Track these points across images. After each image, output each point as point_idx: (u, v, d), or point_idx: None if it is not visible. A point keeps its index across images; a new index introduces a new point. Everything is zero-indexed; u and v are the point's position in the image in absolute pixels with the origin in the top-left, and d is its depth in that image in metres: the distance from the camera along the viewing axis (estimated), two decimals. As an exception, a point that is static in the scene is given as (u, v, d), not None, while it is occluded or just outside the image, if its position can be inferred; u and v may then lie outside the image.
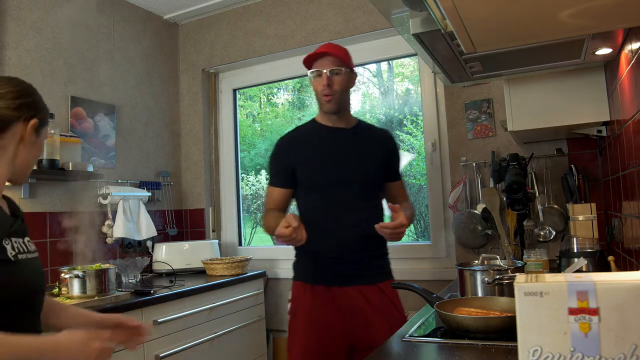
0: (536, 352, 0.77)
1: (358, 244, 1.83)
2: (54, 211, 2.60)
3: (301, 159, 1.88)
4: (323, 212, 1.85)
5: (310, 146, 1.90)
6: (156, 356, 2.20)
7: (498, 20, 1.02)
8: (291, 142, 1.95)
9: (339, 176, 1.85)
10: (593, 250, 1.92)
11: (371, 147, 1.93)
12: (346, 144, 1.89)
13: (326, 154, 1.88)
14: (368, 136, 1.95)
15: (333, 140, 1.90)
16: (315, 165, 1.87)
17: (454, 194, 2.61)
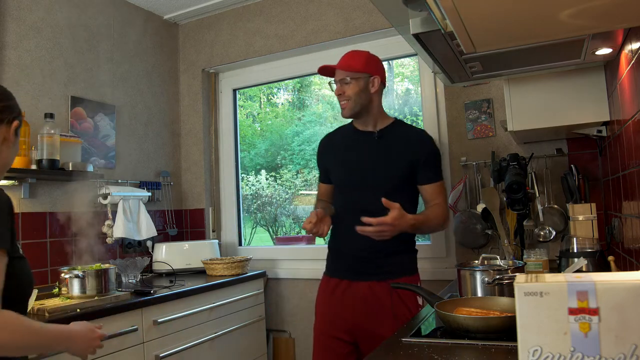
0: (536, 352, 0.77)
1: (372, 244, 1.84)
2: (54, 211, 2.60)
3: (330, 160, 2.09)
4: (344, 211, 1.99)
5: (337, 148, 2.08)
6: (156, 356, 2.20)
7: (498, 20, 1.02)
8: (325, 142, 2.15)
9: (357, 179, 1.97)
10: (593, 250, 1.92)
11: (396, 151, 1.95)
12: (369, 148, 1.98)
13: (348, 156, 2.02)
14: (396, 139, 1.98)
15: (357, 144, 2.01)
16: (339, 167, 2.04)
17: (454, 194, 2.61)
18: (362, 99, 1.94)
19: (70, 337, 1.28)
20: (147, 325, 2.18)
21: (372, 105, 1.97)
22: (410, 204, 1.98)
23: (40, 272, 2.49)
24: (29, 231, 2.47)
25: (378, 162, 1.95)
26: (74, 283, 2.07)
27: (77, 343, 1.29)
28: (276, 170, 3.70)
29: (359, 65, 1.94)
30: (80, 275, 2.07)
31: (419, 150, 1.96)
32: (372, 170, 1.95)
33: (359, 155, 1.99)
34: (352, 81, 1.93)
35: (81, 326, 1.33)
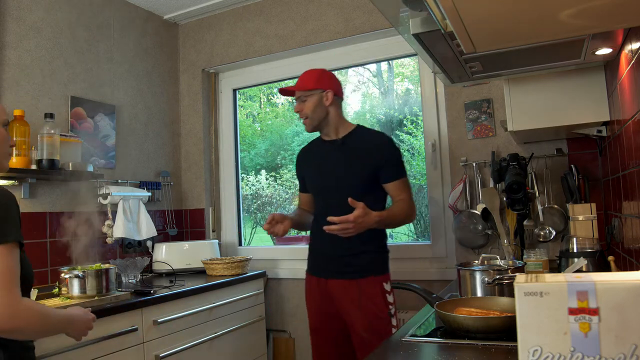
0: (536, 352, 0.77)
1: (340, 244, 2.01)
2: (54, 211, 2.60)
3: (305, 170, 2.30)
4: (319, 214, 2.16)
5: (311, 159, 2.28)
6: (156, 356, 2.20)
7: (498, 20, 1.02)
8: (301, 155, 2.36)
9: (323, 184, 2.18)
10: (593, 250, 1.92)
11: (358, 155, 2.11)
12: (333, 155, 2.16)
13: (318, 165, 2.21)
14: (357, 144, 2.14)
15: (324, 153, 2.20)
16: (312, 176, 2.25)
17: (454, 194, 2.61)
18: (318, 114, 2.13)
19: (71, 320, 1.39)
20: (147, 325, 2.18)
21: (330, 116, 2.15)
22: (378, 203, 2.11)
23: (40, 272, 2.49)
24: (29, 231, 2.46)
25: (342, 167, 2.12)
26: (74, 283, 2.07)
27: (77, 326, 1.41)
28: (276, 170, 3.70)
29: (311, 84, 2.13)
30: (80, 275, 2.07)
31: (379, 153, 2.10)
32: (337, 175, 2.12)
33: (327, 162, 2.17)
34: (307, 99, 2.12)
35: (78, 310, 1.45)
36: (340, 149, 2.15)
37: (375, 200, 2.10)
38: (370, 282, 2.05)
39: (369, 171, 2.09)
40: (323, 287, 2.13)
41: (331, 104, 2.13)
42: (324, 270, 2.14)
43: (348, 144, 2.15)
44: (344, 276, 2.07)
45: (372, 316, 2.01)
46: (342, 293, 2.07)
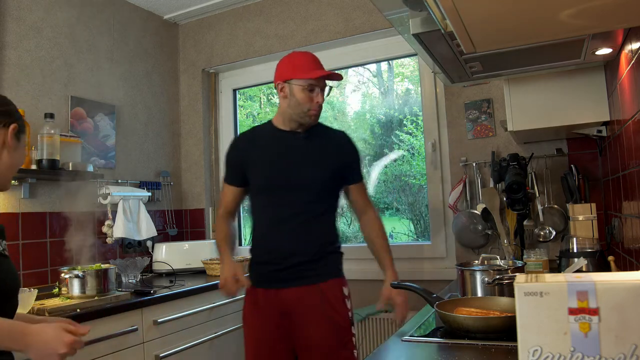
0: (536, 352, 0.77)
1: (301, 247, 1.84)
2: (54, 211, 2.60)
3: (251, 159, 1.91)
4: (269, 214, 1.89)
5: (261, 148, 1.92)
6: (156, 356, 2.20)
7: (498, 20, 1.02)
8: (242, 142, 1.97)
9: (284, 180, 1.87)
10: (593, 250, 1.92)
11: (324, 151, 1.92)
12: (298, 148, 1.90)
13: (273, 156, 1.90)
14: (323, 140, 1.94)
15: (285, 144, 1.90)
16: (265, 168, 1.89)
17: (454, 194, 2.61)
18: None
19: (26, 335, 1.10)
20: (147, 325, 2.18)
21: None
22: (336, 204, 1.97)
23: (40, 272, 2.49)
24: (29, 231, 2.46)
25: (306, 162, 1.88)
26: (74, 283, 2.07)
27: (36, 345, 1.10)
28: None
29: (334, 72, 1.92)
30: (80, 275, 2.07)
31: (348, 152, 1.97)
32: (300, 171, 1.87)
33: (287, 156, 1.89)
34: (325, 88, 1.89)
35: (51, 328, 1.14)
36: (304, 142, 1.90)
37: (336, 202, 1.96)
38: (331, 285, 1.86)
39: (336, 170, 1.90)
40: (272, 299, 1.84)
41: None
42: (276, 280, 1.84)
43: (313, 139, 1.91)
44: (303, 282, 1.83)
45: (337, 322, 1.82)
46: (298, 302, 1.82)
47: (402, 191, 3.17)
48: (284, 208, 1.86)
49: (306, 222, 1.86)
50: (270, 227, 1.88)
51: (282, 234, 1.86)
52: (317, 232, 1.88)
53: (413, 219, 3.14)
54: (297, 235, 1.85)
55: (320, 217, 1.89)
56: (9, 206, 2.39)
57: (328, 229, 1.93)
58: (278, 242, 1.86)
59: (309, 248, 1.85)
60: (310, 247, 1.85)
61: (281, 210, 1.87)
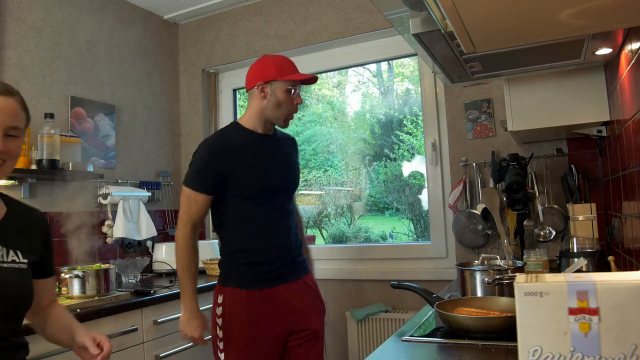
0: (536, 352, 0.77)
1: (290, 247, 1.92)
2: (54, 211, 2.60)
3: (236, 167, 1.83)
4: (258, 219, 1.87)
5: (244, 154, 1.85)
6: (156, 356, 2.20)
7: (498, 20, 1.02)
8: (224, 147, 1.86)
9: (279, 183, 1.91)
10: (593, 250, 1.92)
11: (291, 155, 2.03)
12: (276, 152, 1.94)
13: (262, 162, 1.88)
14: (286, 143, 2.02)
15: (266, 148, 1.91)
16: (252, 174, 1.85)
17: (454, 194, 2.61)
18: None
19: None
20: (147, 325, 2.18)
21: None
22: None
23: (40, 272, 2.49)
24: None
25: (283, 165, 1.94)
26: (74, 283, 2.07)
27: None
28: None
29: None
30: (80, 275, 2.07)
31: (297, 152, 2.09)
32: (285, 175, 1.94)
33: (272, 160, 1.90)
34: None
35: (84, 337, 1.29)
36: (277, 145, 1.95)
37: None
38: (310, 276, 2.02)
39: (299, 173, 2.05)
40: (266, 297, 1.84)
41: None
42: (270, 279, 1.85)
43: (279, 141, 1.97)
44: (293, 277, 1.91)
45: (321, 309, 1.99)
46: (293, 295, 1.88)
47: (402, 191, 3.17)
48: (276, 211, 1.89)
49: (290, 222, 1.95)
50: (262, 229, 1.86)
51: (275, 235, 1.89)
52: (296, 228, 1.99)
53: (413, 219, 3.14)
54: (286, 234, 1.92)
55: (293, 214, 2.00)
56: (9, 206, 2.39)
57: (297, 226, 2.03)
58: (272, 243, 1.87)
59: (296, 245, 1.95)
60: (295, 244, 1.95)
61: (273, 212, 1.88)
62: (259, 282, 1.85)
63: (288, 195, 1.96)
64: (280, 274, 1.88)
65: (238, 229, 1.88)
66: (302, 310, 1.90)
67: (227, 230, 1.89)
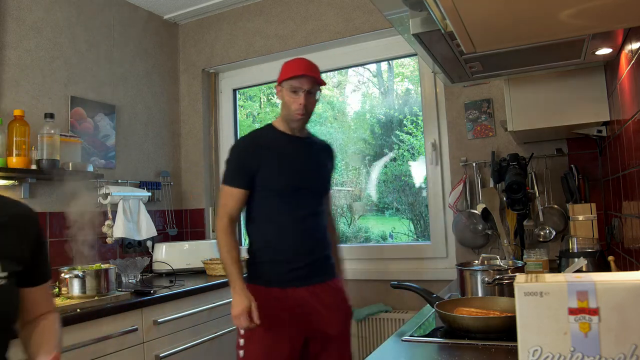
0: (536, 352, 0.77)
1: (315, 248, 1.93)
2: (54, 211, 2.60)
3: (264, 163, 1.89)
4: (283, 216, 1.90)
5: (273, 152, 1.91)
6: (156, 356, 2.20)
7: (498, 20, 1.02)
8: (254, 145, 1.93)
9: (305, 182, 1.94)
10: (593, 250, 1.92)
11: (323, 158, 2.07)
12: (305, 153, 1.99)
13: (289, 161, 1.93)
14: (319, 147, 2.08)
15: (294, 149, 1.96)
16: (279, 171, 1.90)
17: (454, 194, 2.61)
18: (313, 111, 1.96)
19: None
20: (147, 325, 2.18)
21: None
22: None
23: (40, 272, 2.49)
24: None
25: (316, 167, 2.01)
26: (74, 283, 2.07)
27: None
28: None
29: (320, 80, 1.92)
30: (80, 275, 2.07)
31: (332, 161, 2.12)
32: (313, 175, 1.98)
33: (300, 159, 1.95)
34: (315, 94, 1.91)
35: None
36: (309, 148, 2.01)
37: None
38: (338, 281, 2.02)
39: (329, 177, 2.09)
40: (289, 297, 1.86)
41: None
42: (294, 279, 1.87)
43: (312, 145, 2.03)
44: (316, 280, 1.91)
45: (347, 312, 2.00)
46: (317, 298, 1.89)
47: (402, 191, 3.17)
48: (302, 209, 1.92)
49: (316, 223, 1.97)
50: (288, 227, 1.90)
51: (298, 234, 1.91)
52: (325, 231, 2.00)
53: (413, 219, 3.14)
54: (311, 235, 1.94)
55: (323, 216, 2.02)
56: (9, 206, 2.39)
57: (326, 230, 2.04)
58: (294, 242, 1.90)
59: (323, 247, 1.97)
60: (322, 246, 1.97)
61: (298, 211, 1.91)
62: (280, 281, 1.88)
63: (314, 196, 1.97)
64: (303, 275, 1.88)
65: (263, 226, 1.93)
66: (324, 315, 1.90)
67: (253, 227, 1.95)
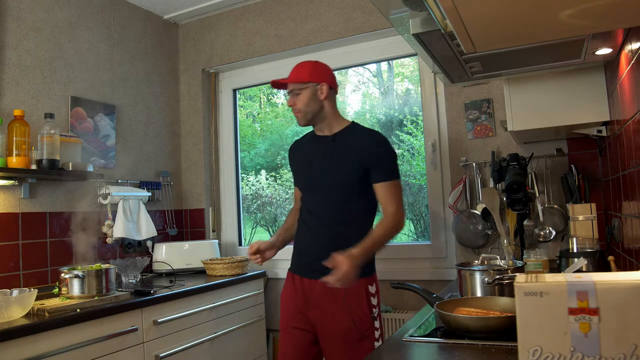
0: (536, 352, 0.77)
1: (330, 243, 1.92)
2: (54, 211, 2.60)
3: (295, 164, 2.19)
4: (306, 211, 2.07)
5: (301, 153, 2.15)
6: (156, 356, 2.20)
7: (498, 20, 1.02)
8: (293, 148, 2.23)
9: (314, 181, 2.05)
10: (593, 250, 1.92)
11: (349, 152, 1.99)
12: (325, 151, 2.04)
13: (308, 161, 2.09)
14: (349, 141, 2.01)
15: (316, 148, 2.08)
16: (300, 171, 2.14)
17: (454, 194, 2.61)
18: (312, 107, 2.00)
19: None
20: (147, 325, 2.19)
21: (324, 111, 2.02)
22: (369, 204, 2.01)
23: (40, 272, 2.49)
24: (29, 231, 2.47)
25: (331, 164, 2.00)
26: (74, 283, 2.07)
27: None
28: (276, 170, 3.70)
29: (305, 76, 2.00)
30: (80, 275, 2.07)
31: (370, 151, 1.97)
32: (325, 173, 2.01)
33: (316, 158, 2.05)
34: (301, 92, 1.99)
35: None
36: (332, 145, 2.03)
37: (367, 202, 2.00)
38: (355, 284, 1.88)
39: (358, 170, 1.95)
40: (300, 286, 2.00)
41: (326, 97, 1.99)
42: (305, 269, 2.01)
43: (340, 141, 2.02)
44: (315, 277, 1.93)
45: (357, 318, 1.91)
46: (324, 294, 1.93)
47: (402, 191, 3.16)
48: (313, 207, 2.03)
49: (331, 221, 1.97)
50: (302, 223, 2.06)
51: (308, 230, 2.01)
52: (341, 231, 1.95)
53: (413, 219, 3.14)
54: (319, 232, 1.98)
55: (346, 216, 1.97)
56: (9, 206, 2.40)
57: (354, 229, 1.95)
58: (305, 237, 2.05)
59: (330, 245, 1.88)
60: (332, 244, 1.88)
61: (310, 208, 2.04)
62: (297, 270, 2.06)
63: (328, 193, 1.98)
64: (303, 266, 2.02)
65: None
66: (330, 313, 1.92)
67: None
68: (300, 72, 2.02)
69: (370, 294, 1.97)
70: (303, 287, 2.00)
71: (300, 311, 2.00)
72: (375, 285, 2.01)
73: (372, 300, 1.97)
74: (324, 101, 2.00)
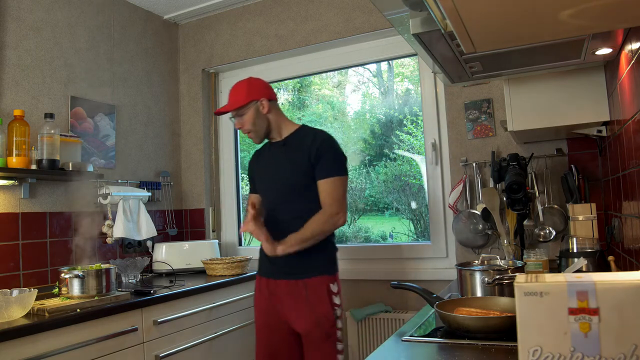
0: (536, 352, 0.77)
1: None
2: (54, 211, 2.60)
3: (254, 171, 2.29)
4: (266, 215, 2.12)
5: (259, 160, 2.28)
6: (156, 356, 2.20)
7: (498, 20, 1.02)
8: (253, 157, 2.33)
9: (266, 184, 2.19)
10: (593, 250, 1.92)
11: (298, 153, 2.08)
12: (278, 156, 2.16)
13: (264, 166, 2.22)
14: (295, 144, 2.12)
15: (269, 155, 2.21)
16: (259, 176, 2.25)
17: (454, 194, 2.61)
18: (259, 124, 2.12)
19: None
20: (147, 325, 2.18)
21: (271, 122, 2.14)
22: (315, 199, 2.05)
23: (40, 272, 2.49)
24: (29, 231, 2.46)
25: (281, 166, 2.13)
26: (74, 283, 2.07)
27: None
28: (276, 170, 3.69)
29: (242, 98, 2.10)
30: (80, 275, 2.07)
31: (314, 149, 2.04)
32: (280, 175, 2.12)
33: (271, 164, 2.17)
34: (244, 113, 2.11)
35: None
36: (283, 149, 2.14)
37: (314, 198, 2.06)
38: (316, 282, 2.02)
39: (306, 168, 2.05)
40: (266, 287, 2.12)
41: (269, 110, 2.11)
42: (271, 272, 2.11)
43: (290, 144, 2.14)
44: (290, 277, 2.04)
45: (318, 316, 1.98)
46: (287, 294, 2.04)
47: (402, 191, 3.17)
48: (270, 209, 2.11)
49: (287, 222, 2.04)
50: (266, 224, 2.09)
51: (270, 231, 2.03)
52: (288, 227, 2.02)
53: (413, 219, 3.14)
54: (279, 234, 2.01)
55: (304, 216, 2.02)
56: (9, 206, 2.40)
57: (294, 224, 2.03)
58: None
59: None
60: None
61: (269, 210, 2.11)
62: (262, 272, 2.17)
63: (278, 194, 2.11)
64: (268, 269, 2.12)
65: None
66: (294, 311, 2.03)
67: None
68: (237, 96, 2.12)
69: (332, 292, 2.03)
70: (269, 288, 2.10)
71: (272, 311, 2.09)
72: (337, 284, 2.07)
73: (334, 299, 2.03)
74: (268, 115, 2.12)
